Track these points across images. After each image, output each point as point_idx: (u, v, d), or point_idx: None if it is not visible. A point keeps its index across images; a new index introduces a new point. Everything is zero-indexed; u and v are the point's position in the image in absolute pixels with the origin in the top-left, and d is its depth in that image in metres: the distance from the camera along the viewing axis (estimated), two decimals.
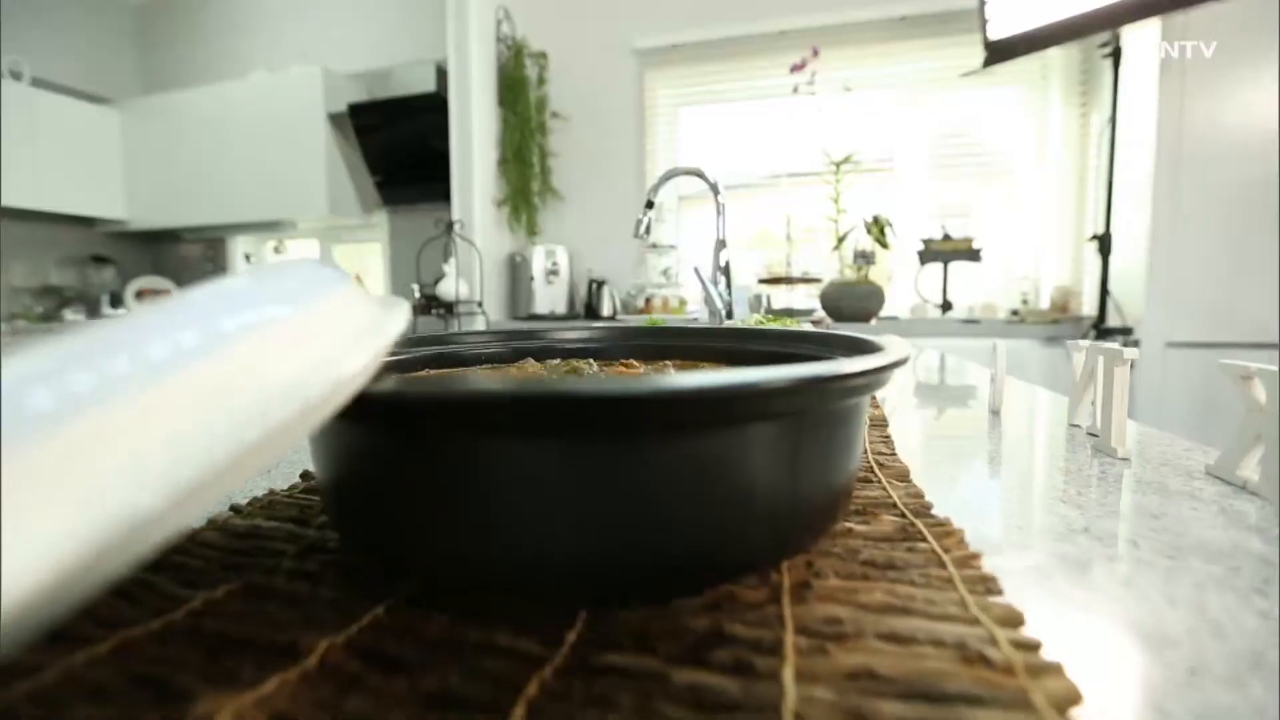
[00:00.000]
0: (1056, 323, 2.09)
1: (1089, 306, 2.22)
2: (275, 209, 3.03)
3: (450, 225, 2.44)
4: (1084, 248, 2.27)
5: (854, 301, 2.30)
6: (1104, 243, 1.91)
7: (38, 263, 3.20)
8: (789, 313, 2.32)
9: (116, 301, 3.32)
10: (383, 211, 3.17)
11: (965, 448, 0.44)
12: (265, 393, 0.14)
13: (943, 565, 0.22)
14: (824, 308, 2.37)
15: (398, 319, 0.19)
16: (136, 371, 0.12)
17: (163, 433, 0.12)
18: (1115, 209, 1.93)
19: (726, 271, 1.48)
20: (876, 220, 2.37)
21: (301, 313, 0.17)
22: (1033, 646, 0.17)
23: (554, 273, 2.74)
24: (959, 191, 2.54)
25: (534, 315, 2.67)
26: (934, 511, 0.27)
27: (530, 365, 0.38)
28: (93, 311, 3.28)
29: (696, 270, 1.26)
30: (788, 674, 0.16)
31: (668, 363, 0.37)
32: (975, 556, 0.22)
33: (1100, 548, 0.25)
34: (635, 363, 0.36)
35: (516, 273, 2.76)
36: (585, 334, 0.43)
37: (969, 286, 2.45)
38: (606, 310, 2.73)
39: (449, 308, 2.44)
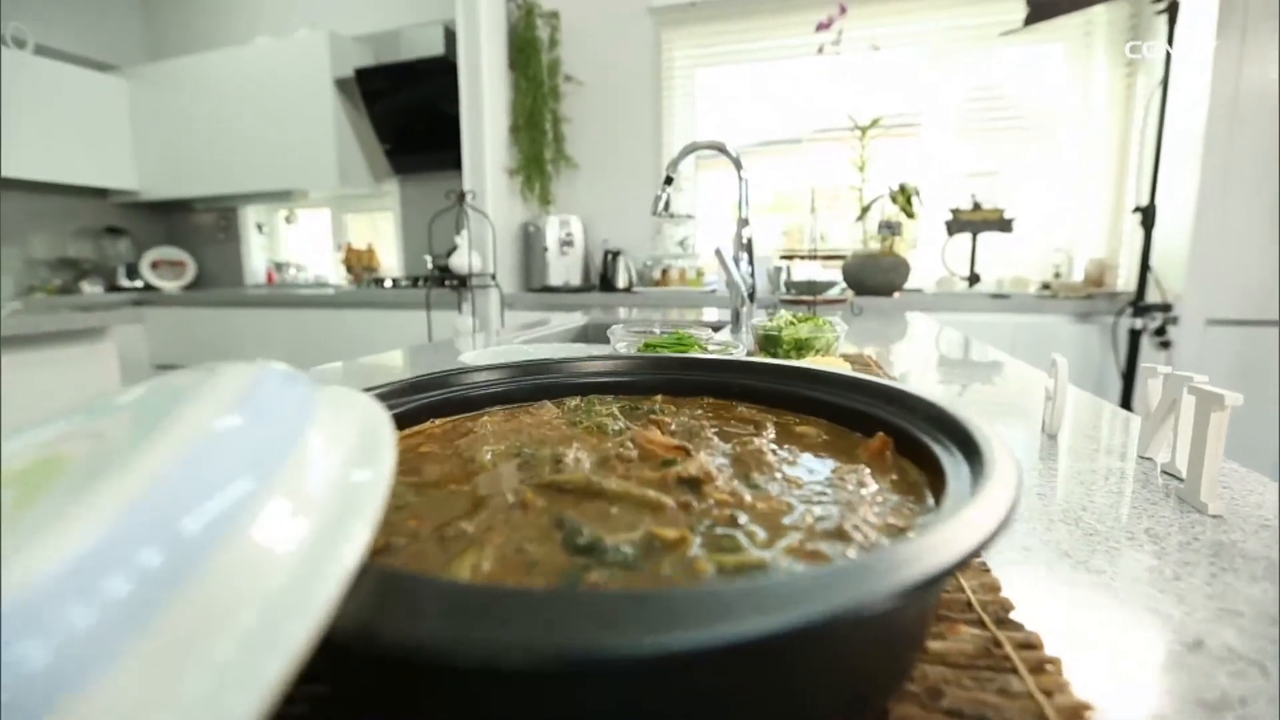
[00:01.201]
0: (1090, 298, 2.00)
1: (1125, 281, 2.13)
2: (285, 179, 2.98)
3: (461, 196, 2.37)
4: (1122, 219, 2.16)
5: (877, 274, 2.23)
6: (1148, 214, 1.80)
7: (54, 235, 3.20)
8: (810, 286, 2.25)
9: (133, 273, 3.32)
10: (393, 180, 3.10)
11: (1026, 492, 0.40)
12: (267, 604, 0.11)
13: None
14: (846, 280, 2.30)
15: (384, 456, 0.15)
16: (109, 622, 0.10)
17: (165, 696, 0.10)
18: (1159, 178, 1.82)
19: (749, 248, 1.42)
20: (903, 189, 2.28)
21: (275, 485, 0.13)
22: None
23: (568, 243, 2.68)
24: (991, 158, 2.42)
25: (548, 287, 2.63)
26: (1016, 616, 0.24)
27: (547, 410, 0.35)
28: (110, 283, 3.28)
29: (718, 253, 1.20)
30: None
31: (701, 414, 0.33)
32: (1085, 708, 0.19)
33: (1224, 676, 0.21)
34: (665, 415, 0.33)
35: (530, 243, 2.71)
36: (608, 365, 0.39)
37: (999, 258, 2.36)
38: (622, 282, 2.67)
39: (463, 281, 2.40)
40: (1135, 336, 1.86)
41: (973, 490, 0.17)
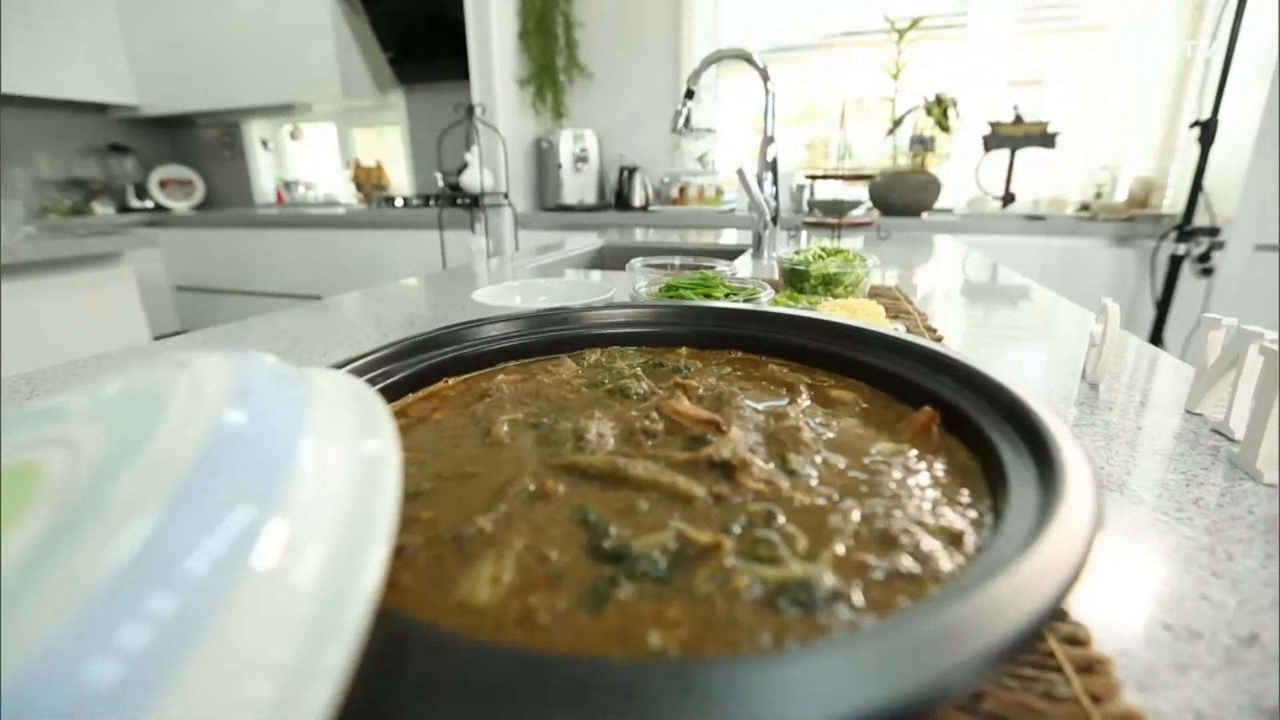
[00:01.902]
0: (1132, 220, 1.90)
1: (1172, 202, 2.01)
2: (286, 91, 2.85)
3: (470, 110, 2.26)
4: (1177, 134, 2.01)
5: (906, 193, 2.13)
6: (1208, 129, 1.67)
7: (58, 154, 3.13)
8: (835, 206, 2.16)
9: (142, 193, 3.27)
10: (399, 92, 2.96)
11: None
12: (298, 635, 0.11)
13: None
14: (872, 199, 2.21)
15: (389, 461, 0.14)
16: (131, 681, 0.09)
17: None
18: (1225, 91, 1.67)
19: (774, 168, 1.34)
20: (939, 100, 2.12)
21: (280, 508, 0.12)
22: None
23: (583, 159, 2.57)
24: (1036, 66, 2.23)
25: (562, 206, 2.55)
26: None
27: (566, 366, 0.33)
28: (120, 203, 3.24)
29: (740, 174, 1.14)
30: None
31: (729, 373, 0.31)
32: (1136, 717, 0.18)
33: None
34: (691, 376, 0.31)
35: (543, 160, 2.60)
36: (629, 314, 0.37)
37: (1037, 177, 2.23)
38: (638, 200, 2.58)
39: (475, 200, 2.33)
40: (1176, 263, 1.77)
41: (1047, 509, 0.16)
